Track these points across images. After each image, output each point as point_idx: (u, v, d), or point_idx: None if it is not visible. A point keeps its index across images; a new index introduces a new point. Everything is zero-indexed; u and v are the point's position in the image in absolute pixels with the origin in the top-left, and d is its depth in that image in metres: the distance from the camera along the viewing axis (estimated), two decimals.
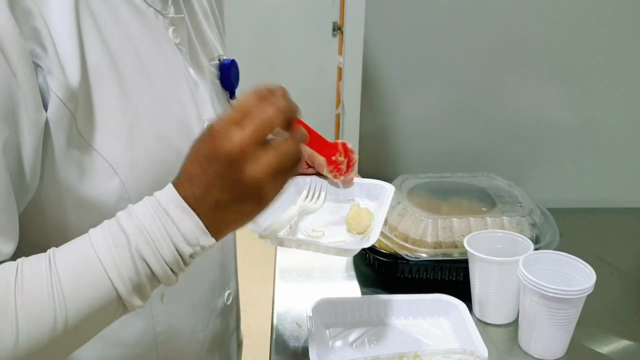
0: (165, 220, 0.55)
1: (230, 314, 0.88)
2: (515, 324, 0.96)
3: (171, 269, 0.56)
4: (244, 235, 0.94)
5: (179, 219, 0.55)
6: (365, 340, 0.91)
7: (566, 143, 1.41)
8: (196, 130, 0.73)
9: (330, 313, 0.95)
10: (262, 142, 0.55)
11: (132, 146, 0.63)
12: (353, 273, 1.13)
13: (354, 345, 0.90)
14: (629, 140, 1.42)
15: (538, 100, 1.40)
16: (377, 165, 1.30)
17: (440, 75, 1.40)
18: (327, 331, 0.93)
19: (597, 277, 0.85)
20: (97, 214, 0.62)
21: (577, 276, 0.89)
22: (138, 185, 0.64)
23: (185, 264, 0.57)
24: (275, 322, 0.98)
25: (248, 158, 0.54)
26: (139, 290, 0.56)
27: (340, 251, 0.80)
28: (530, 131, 1.42)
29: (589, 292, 0.84)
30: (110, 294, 0.54)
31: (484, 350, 0.84)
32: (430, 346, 0.89)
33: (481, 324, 0.96)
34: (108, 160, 0.61)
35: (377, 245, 1.08)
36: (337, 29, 3.29)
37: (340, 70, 2.97)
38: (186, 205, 0.55)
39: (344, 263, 1.16)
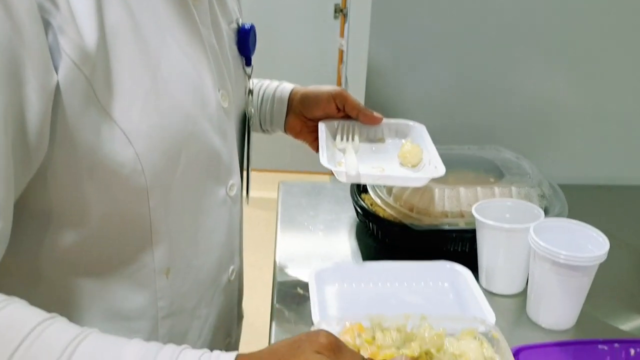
0: None
1: (233, 290, 0.85)
2: (523, 294, 0.93)
3: None
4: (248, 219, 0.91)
5: None
6: (369, 305, 0.88)
7: (575, 120, 1.38)
8: (212, 101, 0.70)
9: (333, 279, 0.92)
10: None
11: (147, 116, 0.60)
12: (356, 243, 1.10)
13: (357, 310, 0.87)
14: (638, 117, 1.39)
15: (547, 77, 1.37)
16: None
17: (447, 52, 1.37)
18: (330, 297, 0.90)
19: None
20: (110, 182, 0.59)
21: (589, 245, 0.86)
22: (152, 157, 0.61)
23: None
24: (276, 289, 0.95)
25: None
26: None
27: (414, 180, 0.91)
28: (538, 108, 1.39)
29: (603, 260, 0.81)
30: None
31: (491, 318, 0.81)
32: (436, 312, 0.86)
33: (488, 294, 0.93)
34: (124, 130, 0.58)
35: (381, 214, 1.05)
36: (339, 11, 3.25)
37: (341, 52, 2.93)
38: None
39: (346, 232, 1.13)
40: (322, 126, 0.97)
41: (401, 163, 0.97)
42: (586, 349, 0.82)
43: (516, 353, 0.79)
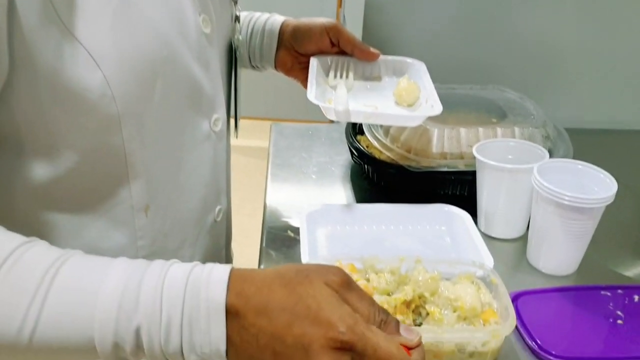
0: (196, 327, 0.47)
1: (220, 230, 0.81)
2: (523, 239, 0.89)
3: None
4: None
5: (209, 335, 0.47)
6: (362, 248, 0.84)
7: (582, 60, 1.32)
8: (191, 25, 0.64)
9: (325, 220, 0.88)
10: None
11: (117, 37, 0.55)
12: (350, 187, 1.05)
13: (350, 252, 0.83)
14: None
15: (555, 15, 1.30)
16: None
17: None
18: (322, 238, 0.86)
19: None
20: (77, 109, 0.55)
21: (595, 187, 0.81)
22: (123, 83, 0.56)
23: None
24: (265, 232, 0.91)
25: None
26: (122, 357, 0.49)
27: (408, 119, 0.87)
28: (544, 47, 1.32)
29: (609, 202, 0.77)
30: (87, 345, 0.47)
31: (489, 262, 0.77)
32: (432, 256, 0.82)
33: (486, 238, 0.89)
34: (90, 51, 0.53)
35: (377, 156, 1.00)
36: None
37: None
38: (222, 321, 0.47)
39: (339, 175, 1.08)
40: (313, 61, 0.91)
41: (396, 102, 0.92)
42: (588, 295, 0.79)
43: (515, 298, 0.76)
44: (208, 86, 0.69)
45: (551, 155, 0.97)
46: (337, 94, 0.88)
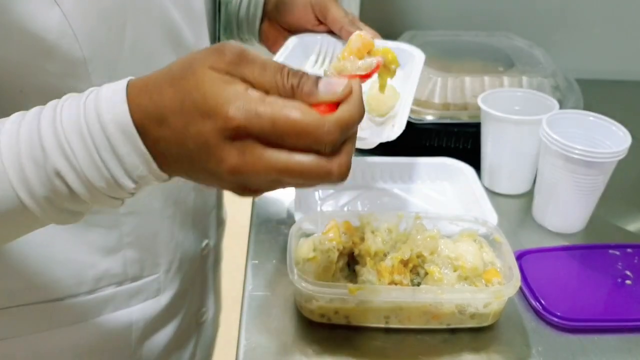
0: (103, 148, 0.41)
1: (209, 188, 0.76)
2: (528, 195, 0.85)
3: (109, 196, 0.43)
4: None
5: (122, 152, 0.41)
6: (358, 203, 0.81)
7: (593, 7, 1.24)
8: None
9: None
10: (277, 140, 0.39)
11: None
12: None
13: (345, 208, 0.80)
14: None
15: None
16: (381, 20, 1.14)
17: None
18: (316, 193, 0.82)
19: None
20: (36, 50, 0.50)
21: (607, 140, 0.77)
22: (86, 21, 0.51)
23: (130, 193, 0.44)
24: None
25: (248, 146, 0.39)
26: (63, 210, 0.44)
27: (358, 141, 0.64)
28: None
29: (622, 157, 0.73)
30: (19, 208, 0.42)
31: (493, 218, 0.73)
32: (433, 212, 0.78)
33: (490, 194, 0.84)
34: (61, 8, 0.48)
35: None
36: None
37: None
38: (138, 138, 0.41)
39: None
40: (292, 40, 0.75)
41: (367, 110, 0.73)
42: (596, 254, 0.75)
43: (519, 257, 0.73)
44: (189, 34, 0.63)
45: (561, 107, 0.92)
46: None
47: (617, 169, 0.75)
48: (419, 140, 0.93)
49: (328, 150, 0.39)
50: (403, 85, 0.71)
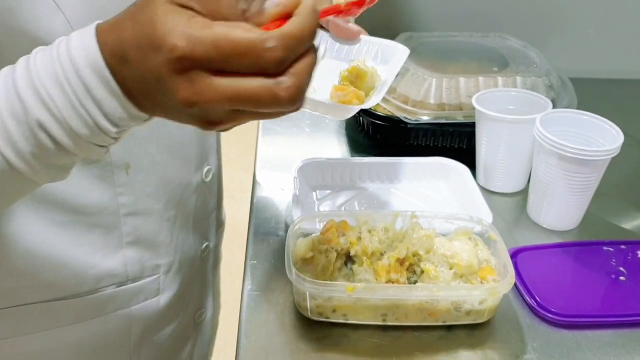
0: (81, 94, 0.40)
1: (209, 191, 0.77)
2: (523, 193, 0.86)
3: (93, 143, 0.42)
4: None
5: (100, 95, 0.40)
6: (355, 203, 0.82)
7: (587, 8, 1.25)
8: None
9: (317, 175, 0.85)
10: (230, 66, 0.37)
11: None
12: (344, 139, 1.02)
13: (343, 208, 0.81)
14: None
15: None
16: (376, 22, 1.14)
17: None
18: (314, 194, 0.83)
19: None
20: None
21: (600, 139, 0.77)
22: (88, 24, 0.50)
23: (114, 138, 0.43)
24: (256, 188, 0.88)
25: (193, 74, 0.37)
26: (50, 165, 0.43)
27: (332, 109, 0.67)
28: None
29: (615, 154, 0.73)
30: (6, 169, 0.41)
31: (488, 217, 0.74)
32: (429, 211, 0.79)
33: (485, 192, 0.85)
34: None
35: (371, 107, 0.95)
36: None
37: None
38: (111, 79, 0.39)
39: (334, 127, 1.05)
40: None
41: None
42: (590, 251, 0.76)
43: (514, 255, 0.73)
44: None
45: (554, 106, 0.93)
46: None
47: (611, 166, 0.75)
48: (414, 140, 0.94)
49: (273, 69, 0.37)
50: (385, 71, 0.72)
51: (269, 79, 0.37)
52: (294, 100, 0.38)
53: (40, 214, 0.59)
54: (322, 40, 0.75)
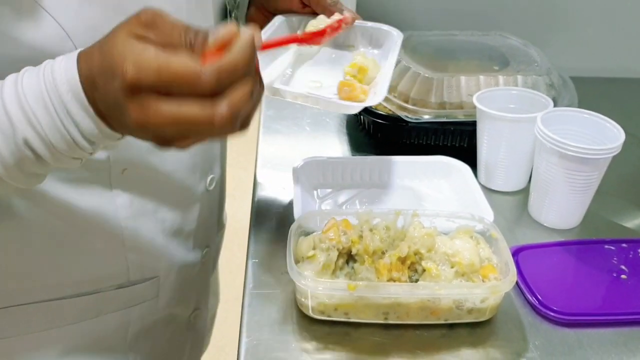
0: (62, 114, 0.44)
1: (213, 199, 0.77)
2: (524, 192, 0.86)
3: (70, 157, 0.47)
4: None
5: (78, 116, 0.44)
6: (357, 202, 0.82)
7: (587, 6, 1.26)
8: None
9: (319, 173, 0.85)
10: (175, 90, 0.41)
11: (86, 5, 0.51)
12: (345, 138, 1.02)
13: (344, 207, 0.81)
14: None
15: None
16: (377, 20, 1.15)
17: None
18: (315, 192, 0.83)
19: None
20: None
21: (601, 137, 0.77)
22: (85, 34, 0.50)
23: (89, 153, 0.47)
24: (257, 188, 0.88)
25: (145, 97, 0.41)
26: (30, 174, 0.47)
27: (341, 107, 0.71)
28: None
29: (616, 153, 0.73)
30: None
31: (489, 215, 0.74)
32: (430, 210, 0.79)
33: (486, 191, 0.85)
34: (59, 22, 0.50)
35: (372, 105, 0.95)
36: None
37: None
38: (86, 103, 0.44)
39: (335, 126, 1.05)
40: (276, 20, 0.78)
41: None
42: (591, 249, 0.76)
43: (515, 253, 0.73)
44: None
45: (555, 105, 0.93)
46: (274, 64, 0.76)
47: (612, 165, 0.75)
48: (416, 139, 0.94)
49: (209, 97, 0.41)
50: (383, 61, 0.77)
51: (204, 105, 0.41)
52: (229, 126, 0.42)
53: (41, 216, 0.59)
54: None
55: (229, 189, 0.93)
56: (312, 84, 0.76)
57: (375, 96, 0.69)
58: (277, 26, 0.77)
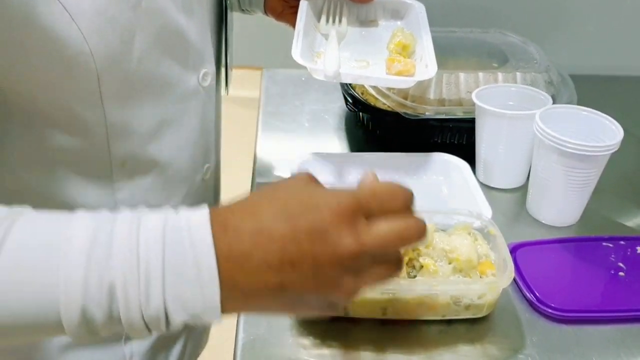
0: (182, 274, 0.40)
1: (208, 189, 0.77)
2: (523, 189, 0.86)
3: (147, 326, 0.42)
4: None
5: (200, 282, 0.40)
6: None
7: (587, 4, 1.26)
8: None
9: (318, 171, 0.83)
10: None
11: None
12: (344, 135, 1.02)
13: None
14: None
15: None
16: None
17: None
18: None
19: None
20: (52, 67, 0.51)
21: (600, 134, 0.77)
22: (101, 37, 0.52)
23: (168, 328, 0.42)
24: (255, 185, 0.88)
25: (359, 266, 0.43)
26: (92, 330, 0.41)
27: (400, 82, 0.79)
28: None
29: (615, 150, 0.73)
30: (48, 315, 0.40)
31: (487, 212, 0.74)
32: (428, 206, 0.79)
33: (485, 188, 0.85)
34: (64, 4, 0.49)
35: (372, 103, 0.95)
36: None
37: None
38: (217, 279, 0.41)
39: (334, 123, 1.05)
40: (303, 5, 0.82)
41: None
42: (589, 246, 0.76)
43: (513, 250, 0.73)
44: (194, 37, 0.64)
45: (554, 102, 0.93)
46: (327, 51, 0.78)
47: (610, 162, 0.75)
48: (414, 135, 0.93)
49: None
50: (417, 32, 0.85)
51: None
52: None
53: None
54: (342, 10, 0.88)
55: (228, 186, 0.93)
56: (357, 64, 0.82)
57: (428, 69, 0.77)
58: (305, 13, 0.81)
